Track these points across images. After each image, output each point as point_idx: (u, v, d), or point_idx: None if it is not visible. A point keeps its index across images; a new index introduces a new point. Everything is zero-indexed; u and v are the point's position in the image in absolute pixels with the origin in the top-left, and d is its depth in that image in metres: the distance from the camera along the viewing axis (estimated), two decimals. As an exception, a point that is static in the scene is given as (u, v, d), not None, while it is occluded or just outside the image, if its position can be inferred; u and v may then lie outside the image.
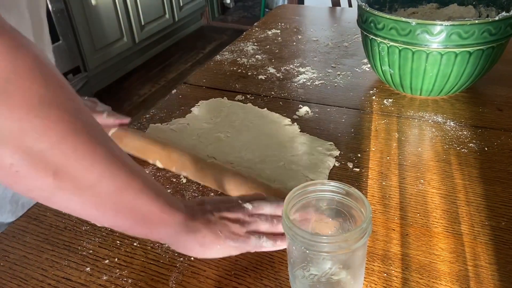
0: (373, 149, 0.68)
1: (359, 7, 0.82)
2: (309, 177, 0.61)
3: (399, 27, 0.73)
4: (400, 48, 0.75)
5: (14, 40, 0.33)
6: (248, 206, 0.51)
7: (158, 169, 0.65)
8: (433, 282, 0.46)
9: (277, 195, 0.55)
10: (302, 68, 0.98)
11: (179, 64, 3.16)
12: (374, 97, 0.84)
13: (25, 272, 0.50)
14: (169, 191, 0.61)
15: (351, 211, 0.43)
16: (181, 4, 3.40)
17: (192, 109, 0.81)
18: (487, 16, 0.86)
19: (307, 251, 0.40)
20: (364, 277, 0.47)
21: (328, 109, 0.81)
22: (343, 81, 0.91)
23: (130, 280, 0.49)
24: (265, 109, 0.79)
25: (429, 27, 0.71)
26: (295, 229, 0.39)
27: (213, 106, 0.81)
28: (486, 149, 0.67)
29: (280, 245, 0.50)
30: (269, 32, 1.21)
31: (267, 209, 0.52)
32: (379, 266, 0.48)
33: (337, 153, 0.67)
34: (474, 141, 0.69)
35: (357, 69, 0.96)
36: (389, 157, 0.66)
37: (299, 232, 0.39)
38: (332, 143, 0.69)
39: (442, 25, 0.70)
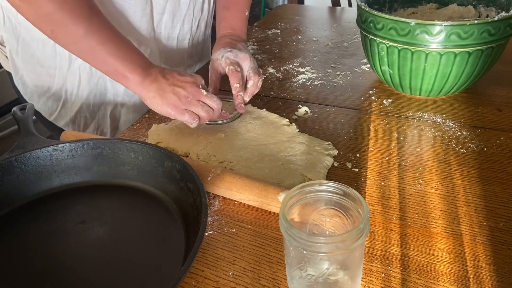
0: (372, 149, 0.68)
1: (359, 7, 0.82)
2: (307, 177, 0.61)
3: (399, 27, 0.73)
4: (399, 48, 0.75)
5: None
6: (203, 91, 0.68)
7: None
8: (431, 282, 0.46)
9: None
10: (302, 68, 0.97)
11: (179, 64, 3.15)
12: (373, 97, 0.84)
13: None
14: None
15: (348, 211, 0.43)
16: (182, 4, 3.39)
17: (191, 109, 0.81)
18: (487, 16, 0.86)
19: (304, 252, 0.40)
20: (362, 278, 0.47)
21: (328, 109, 0.81)
22: (343, 81, 0.91)
23: (128, 280, 0.49)
24: (264, 109, 0.79)
25: (429, 27, 0.70)
26: (292, 230, 0.39)
27: (212, 106, 0.81)
28: (485, 149, 0.67)
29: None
30: (269, 32, 1.21)
31: (214, 104, 0.68)
32: (377, 267, 0.48)
33: (335, 152, 0.67)
34: (473, 141, 0.69)
35: (357, 69, 0.96)
36: (388, 157, 0.66)
37: (296, 232, 0.39)
38: (330, 142, 0.69)
39: (442, 25, 0.70)
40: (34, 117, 0.70)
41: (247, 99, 0.75)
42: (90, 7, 0.64)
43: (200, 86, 0.69)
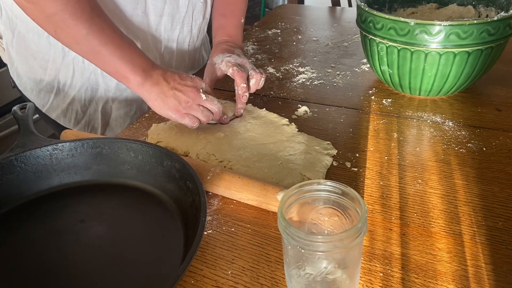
0: (371, 149, 0.68)
1: (358, 7, 0.82)
2: (306, 176, 0.61)
3: (398, 27, 0.73)
4: (399, 48, 0.75)
5: None
6: (203, 95, 0.69)
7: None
8: (429, 282, 0.46)
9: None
10: (302, 68, 0.98)
11: (180, 64, 3.15)
12: (373, 97, 0.84)
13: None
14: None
15: (347, 210, 0.43)
16: (182, 4, 3.39)
17: (191, 108, 0.81)
18: (487, 16, 0.86)
19: (303, 251, 0.40)
20: (360, 277, 0.47)
21: (327, 109, 0.81)
22: (343, 81, 0.91)
23: (127, 279, 0.49)
24: (264, 109, 0.79)
25: (428, 27, 0.71)
26: (290, 229, 0.39)
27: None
28: (484, 149, 0.67)
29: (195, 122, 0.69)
30: (269, 32, 1.21)
31: (214, 108, 0.70)
32: (376, 266, 0.48)
33: (334, 152, 0.67)
34: (472, 141, 0.69)
35: (357, 69, 0.96)
36: (387, 157, 0.66)
37: (294, 231, 0.39)
38: (329, 142, 0.69)
39: (441, 25, 0.70)
40: (36, 115, 0.70)
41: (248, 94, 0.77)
42: (92, 8, 0.65)
43: (201, 90, 0.70)
